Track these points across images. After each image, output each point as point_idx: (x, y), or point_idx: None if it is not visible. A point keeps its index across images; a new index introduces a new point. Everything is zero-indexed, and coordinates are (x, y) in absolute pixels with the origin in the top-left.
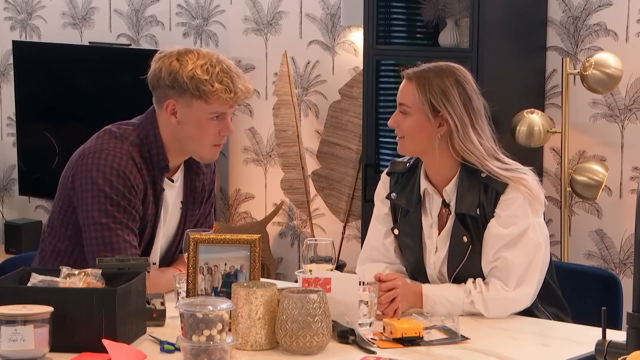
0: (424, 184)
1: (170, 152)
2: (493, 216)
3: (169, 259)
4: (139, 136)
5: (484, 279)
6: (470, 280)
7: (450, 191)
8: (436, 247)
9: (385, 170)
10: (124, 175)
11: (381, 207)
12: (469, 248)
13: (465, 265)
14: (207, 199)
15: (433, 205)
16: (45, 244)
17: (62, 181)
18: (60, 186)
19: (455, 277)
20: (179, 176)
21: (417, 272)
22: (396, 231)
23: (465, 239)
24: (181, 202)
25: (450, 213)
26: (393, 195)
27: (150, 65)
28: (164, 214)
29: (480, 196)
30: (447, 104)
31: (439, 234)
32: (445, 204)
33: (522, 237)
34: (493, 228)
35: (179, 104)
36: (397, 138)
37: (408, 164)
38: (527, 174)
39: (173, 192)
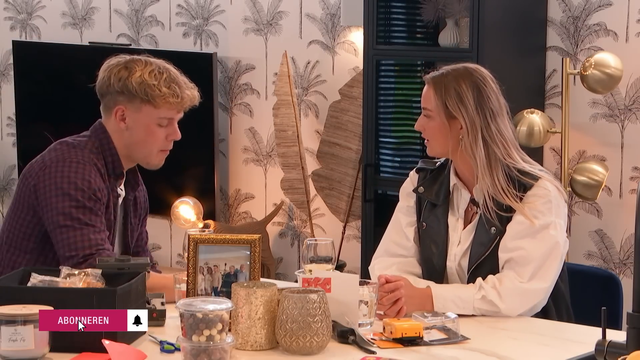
0: (453, 180)
1: (122, 158)
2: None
3: None
4: (94, 145)
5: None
6: (479, 279)
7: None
8: (459, 240)
9: (415, 168)
10: (88, 179)
11: (406, 200)
12: (496, 239)
13: (486, 258)
14: (144, 216)
15: (461, 201)
16: (4, 261)
17: (21, 194)
18: (18, 201)
19: (473, 270)
20: (122, 187)
21: (438, 264)
22: (424, 225)
23: (493, 230)
24: (124, 211)
25: (478, 211)
26: (420, 189)
27: (97, 74)
28: (119, 220)
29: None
30: (461, 107)
31: (463, 229)
32: (473, 202)
33: (542, 230)
34: (517, 217)
35: (128, 110)
36: (425, 141)
37: (438, 163)
38: (540, 189)
39: (120, 201)
